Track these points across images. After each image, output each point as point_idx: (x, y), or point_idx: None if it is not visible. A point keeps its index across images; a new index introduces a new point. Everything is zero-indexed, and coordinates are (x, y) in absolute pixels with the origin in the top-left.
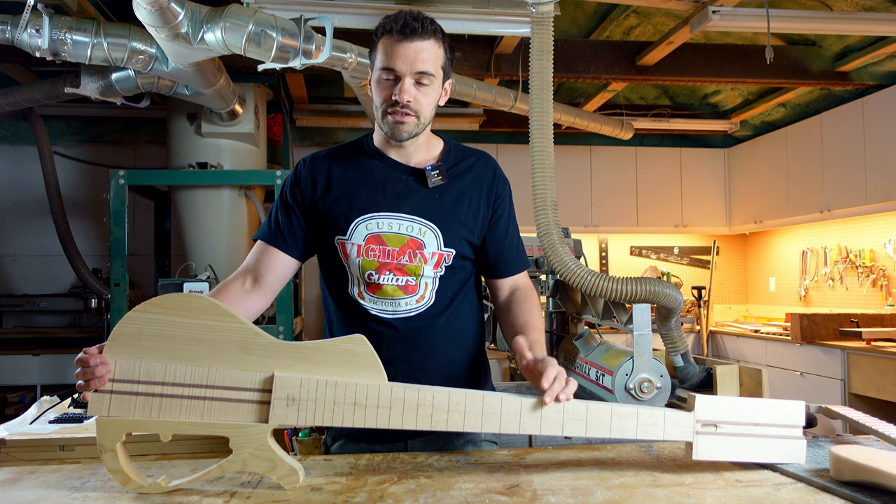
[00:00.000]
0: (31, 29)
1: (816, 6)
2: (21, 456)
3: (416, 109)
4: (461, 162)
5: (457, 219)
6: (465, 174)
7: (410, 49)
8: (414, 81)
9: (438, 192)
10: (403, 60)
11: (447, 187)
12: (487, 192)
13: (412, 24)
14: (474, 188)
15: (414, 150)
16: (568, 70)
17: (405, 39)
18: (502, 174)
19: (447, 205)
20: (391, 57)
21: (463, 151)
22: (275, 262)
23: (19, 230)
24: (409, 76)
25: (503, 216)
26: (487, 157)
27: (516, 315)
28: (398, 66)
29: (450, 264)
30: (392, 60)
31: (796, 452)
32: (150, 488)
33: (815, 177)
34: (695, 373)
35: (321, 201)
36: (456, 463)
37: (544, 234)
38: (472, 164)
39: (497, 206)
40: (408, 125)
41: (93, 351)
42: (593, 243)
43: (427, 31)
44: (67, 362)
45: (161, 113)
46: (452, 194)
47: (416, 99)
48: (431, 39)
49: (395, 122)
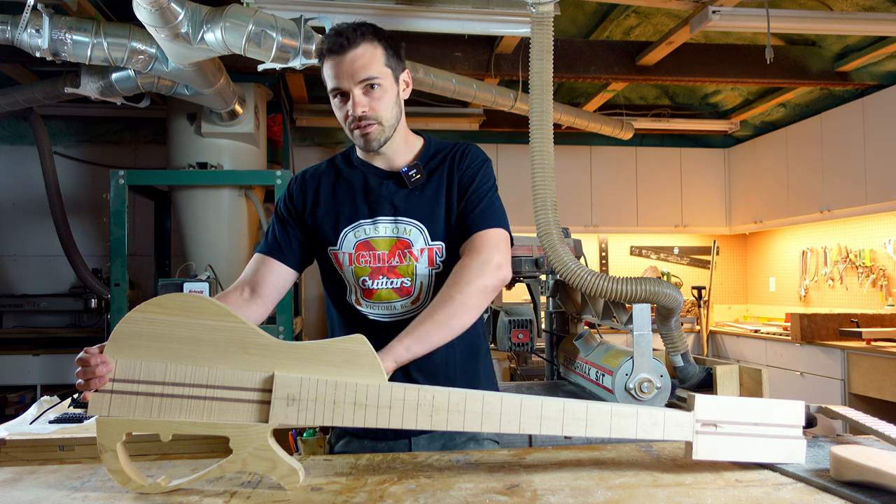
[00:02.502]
0: (31, 29)
1: (816, 6)
2: (21, 456)
3: (374, 117)
4: (438, 155)
5: (439, 211)
6: (439, 167)
7: (346, 61)
8: (361, 91)
9: (418, 190)
10: (345, 75)
11: (426, 183)
12: (454, 172)
13: (339, 39)
14: (446, 175)
15: (393, 153)
16: (568, 70)
17: (338, 55)
18: (471, 153)
19: (427, 199)
20: (334, 76)
21: (442, 146)
22: (272, 272)
23: (19, 230)
24: (355, 87)
25: (466, 184)
26: (460, 145)
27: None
28: (342, 83)
29: (443, 258)
30: (336, 79)
31: (796, 452)
32: (150, 488)
33: (815, 177)
34: (695, 373)
35: (311, 216)
36: (456, 463)
37: (544, 234)
38: (444, 157)
39: (461, 179)
40: (373, 133)
41: (93, 351)
42: (593, 243)
43: (356, 38)
44: (67, 362)
45: (161, 113)
46: (431, 188)
47: (370, 107)
48: (363, 44)
49: (361, 135)
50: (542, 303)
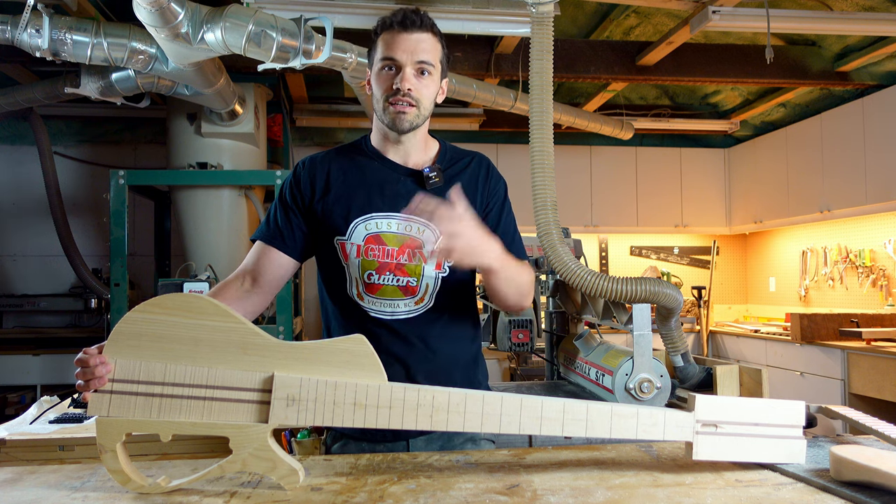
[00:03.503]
0: (31, 29)
1: (816, 6)
2: (21, 456)
3: (416, 98)
4: (457, 163)
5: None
6: (460, 174)
7: (411, 40)
8: (415, 71)
9: (435, 193)
10: (404, 50)
11: (444, 188)
12: (482, 189)
13: (412, 16)
14: (469, 187)
15: (412, 149)
16: (568, 70)
17: (405, 31)
18: (496, 171)
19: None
20: (392, 47)
21: (458, 153)
22: (273, 262)
23: (19, 230)
24: (409, 66)
25: (495, 208)
26: (482, 157)
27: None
28: (399, 55)
29: (451, 264)
30: (392, 50)
31: (796, 452)
32: (150, 488)
33: (815, 177)
34: (695, 373)
35: (320, 203)
36: (456, 463)
37: (544, 234)
38: (467, 164)
39: (489, 200)
40: (409, 115)
41: (92, 351)
42: (593, 243)
43: (426, 25)
44: (67, 362)
45: (161, 113)
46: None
47: (416, 88)
48: (430, 33)
49: (396, 111)
50: (542, 303)
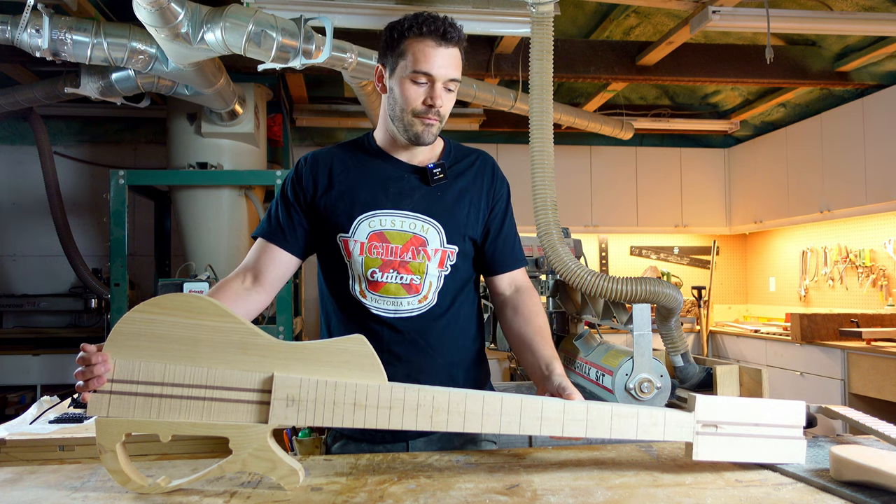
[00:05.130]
0: (31, 29)
1: (816, 6)
2: (21, 456)
3: (443, 114)
4: (461, 160)
5: (459, 215)
6: (465, 172)
7: (447, 56)
8: (445, 88)
9: (440, 190)
10: (441, 66)
11: (448, 185)
12: (487, 189)
13: (450, 31)
14: (474, 185)
15: (419, 149)
16: (568, 70)
17: (443, 45)
18: (500, 172)
19: (449, 202)
20: (429, 61)
21: (463, 150)
22: (275, 259)
23: (19, 230)
24: (441, 81)
25: (499, 212)
26: (486, 156)
27: (526, 318)
28: (435, 71)
29: (453, 262)
30: (430, 65)
31: (796, 452)
32: (149, 488)
33: (815, 177)
34: (695, 373)
35: (323, 199)
36: (456, 463)
37: (544, 234)
38: (472, 163)
39: (494, 203)
40: (434, 129)
41: (91, 349)
42: (593, 243)
43: (460, 39)
44: (67, 362)
45: (161, 113)
46: (454, 192)
47: (444, 105)
48: (460, 48)
49: (424, 125)
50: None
